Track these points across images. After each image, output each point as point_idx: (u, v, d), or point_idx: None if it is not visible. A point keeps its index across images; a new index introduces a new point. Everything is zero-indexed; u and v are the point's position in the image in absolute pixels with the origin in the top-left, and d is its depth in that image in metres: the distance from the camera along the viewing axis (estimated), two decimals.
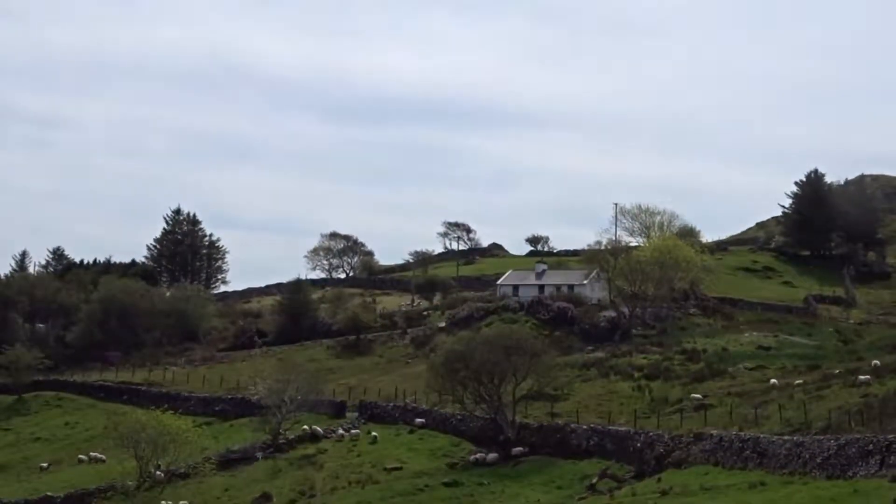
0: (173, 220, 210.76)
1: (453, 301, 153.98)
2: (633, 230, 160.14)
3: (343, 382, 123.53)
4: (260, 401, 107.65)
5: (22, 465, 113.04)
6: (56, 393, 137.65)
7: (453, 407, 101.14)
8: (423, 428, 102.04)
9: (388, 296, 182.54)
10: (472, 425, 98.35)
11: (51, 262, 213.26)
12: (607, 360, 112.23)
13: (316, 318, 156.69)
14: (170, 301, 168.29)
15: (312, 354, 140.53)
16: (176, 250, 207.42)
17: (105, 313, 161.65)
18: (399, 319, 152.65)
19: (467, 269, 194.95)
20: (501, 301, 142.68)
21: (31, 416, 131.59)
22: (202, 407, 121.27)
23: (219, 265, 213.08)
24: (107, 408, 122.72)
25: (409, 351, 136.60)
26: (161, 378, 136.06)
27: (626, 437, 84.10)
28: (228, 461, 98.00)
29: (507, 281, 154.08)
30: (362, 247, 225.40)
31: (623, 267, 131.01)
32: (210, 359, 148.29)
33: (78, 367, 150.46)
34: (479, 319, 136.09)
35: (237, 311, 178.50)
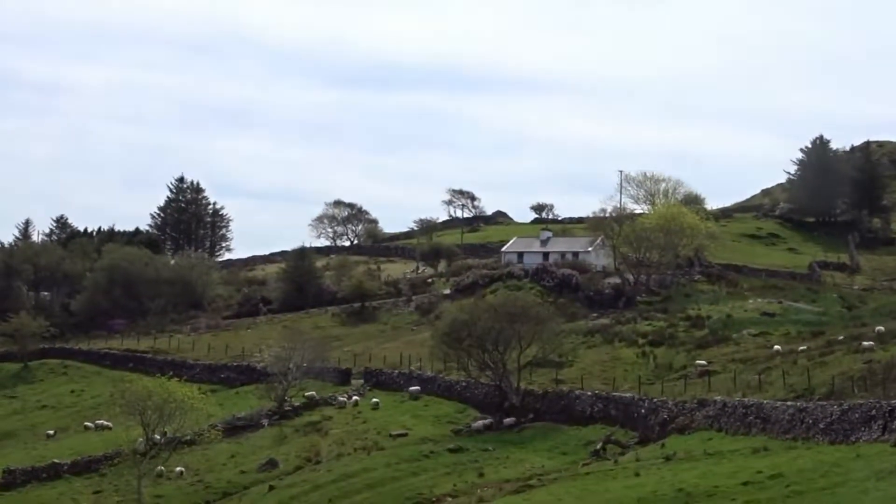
0: (177, 189, 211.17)
1: (458, 268, 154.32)
2: (637, 197, 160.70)
3: (348, 350, 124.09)
4: (265, 368, 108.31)
5: (28, 433, 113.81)
6: (62, 361, 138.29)
7: (458, 374, 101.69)
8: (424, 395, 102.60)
9: (393, 263, 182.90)
10: (477, 392, 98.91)
11: (54, 230, 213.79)
12: (612, 326, 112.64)
13: (321, 286, 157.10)
14: (174, 269, 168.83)
15: (317, 322, 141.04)
16: (180, 218, 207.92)
17: (109, 281, 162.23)
18: (404, 287, 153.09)
19: (472, 237, 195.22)
20: (506, 268, 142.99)
21: (37, 383, 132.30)
22: (208, 374, 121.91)
23: (223, 233, 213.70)
24: (112, 375, 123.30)
25: (413, 318, 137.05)
26: (166, 346, 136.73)
27: (631, 404, 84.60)
28: (234, 428, 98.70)
29: (512, 248, 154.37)
30: (366, 214, 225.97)
31: (628, 234, 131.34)
32: (215, 326, 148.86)
33: (83, 334, 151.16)
34: (484, 286, 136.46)
35: (242, 279, 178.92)
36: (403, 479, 79.28)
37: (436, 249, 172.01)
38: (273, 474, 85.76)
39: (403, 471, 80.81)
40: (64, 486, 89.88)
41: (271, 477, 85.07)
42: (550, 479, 69.86)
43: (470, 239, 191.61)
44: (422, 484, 77.81)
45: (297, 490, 79.73)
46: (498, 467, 79.35)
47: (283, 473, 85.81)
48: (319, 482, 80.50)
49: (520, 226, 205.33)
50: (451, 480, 77.56)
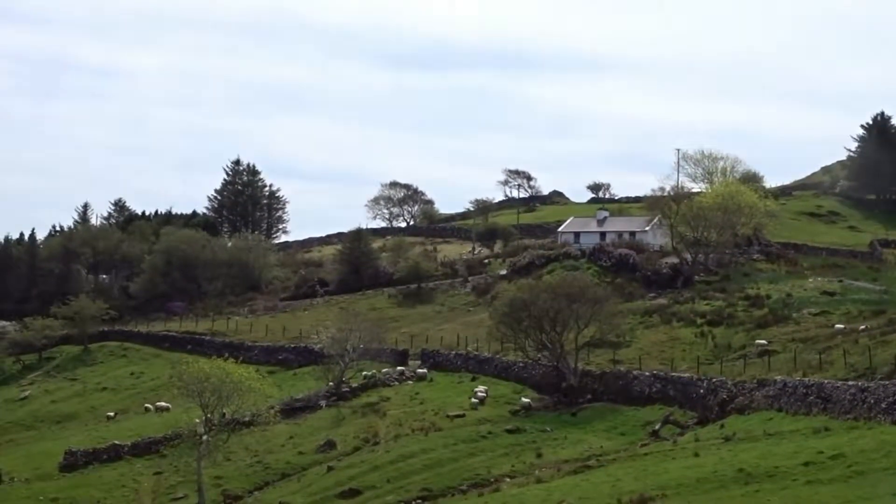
0: (233, 171, 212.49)
1: (514, 249, 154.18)
2: (695, 176, 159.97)
3: (405, 331, 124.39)
4: (323, 350, 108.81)
5: (89, 415, 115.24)
6: (121, 343, 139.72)
7: (515, 355, 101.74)
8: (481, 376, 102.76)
9: (449, 244, 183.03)
10: (534, 373, 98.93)
11: (113, 213, 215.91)
12: (669, 306, 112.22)
13: (377, 267, 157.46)
14: (231, 251, 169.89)
15: (374, 303, 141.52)
16: (237, 201, 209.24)
17: (167, 264, 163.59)
18: (460, 268, 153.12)
19: (528, 217, 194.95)
20: (563, 248, 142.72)
21: (98, 366, 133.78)
22: (265, 356, 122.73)
23: (279, 215, 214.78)
24: (171, 357, 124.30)
25: (470, 299, 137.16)
26: (224, 328, 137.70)
27: (689, 384, 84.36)
28: (292, 409, 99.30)
29: (569, 228, 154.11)
30: (422, 195, 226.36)
31: (685, 213, 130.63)
32: (272, 308, 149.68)
33: (142, 317, 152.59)
34: (541, 267, 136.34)
35: (298, 261, 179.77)
36: (461, 459, 79.61)
37: (492, 230, 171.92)
38: (331, 455, 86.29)
39: (462, 451, 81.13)
40: (125, 468, 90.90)
41: (329, 458, 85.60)
42: (609, 459, 69.90)
43: (526, 219, 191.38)
44: (480, 464, 78.09)
45: (356, 471, 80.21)
46: (556, 448, 79.44)
47: (341, 454, 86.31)
48: (377, 463, 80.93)
49: (576, 205, 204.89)
50: (510, 461, 77.79)
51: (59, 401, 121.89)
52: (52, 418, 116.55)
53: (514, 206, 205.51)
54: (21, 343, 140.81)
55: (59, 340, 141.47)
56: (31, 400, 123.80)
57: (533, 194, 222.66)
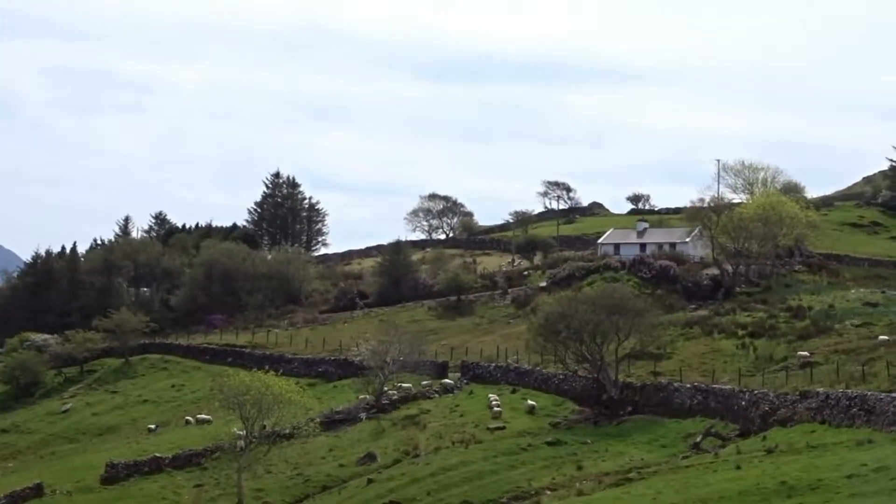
0: (273, 184, 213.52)
1: (554, 260, 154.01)
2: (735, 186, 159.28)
3: (444, 343, 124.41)
4: (362, 362, 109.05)
5: (130, 427, 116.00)
6: (162, 356, 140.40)
7: (555, 367, 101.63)
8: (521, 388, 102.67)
9: (489, 256, 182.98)
10: (574, 385, 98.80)
11: (153, 226, 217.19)
12: (710, 318, 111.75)
13: (416, 280, 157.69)
14: (271, 264, 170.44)
15: (413, 315, 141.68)
16: (276, 213, 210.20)
17: (208, 277, 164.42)
18: (500, 280, 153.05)
19: (568, 229, 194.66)
20: (603, 260, 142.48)
21: (138, 378, 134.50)
22: (305, 368, 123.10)
23: (319, 227, 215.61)
24: (212, 370, 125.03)
25: (510, 311, 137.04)
26: (264, 340, 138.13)
27: (731, 396, 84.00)
28: (332, 422, 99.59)
29: (609, 240, 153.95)
30: (461, 207, 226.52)
31: (726, 224, 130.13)
32: (312, 321, 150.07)
33: (182, 330, 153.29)
34: (581, 279, 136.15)
35: (338, 274, 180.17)
36: (501, 472, 79.59)
37: (531, 242, 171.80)
38: (371, 468, 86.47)
39: (501, 464, 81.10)
40: (165, 480, 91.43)
41: (370, 470, 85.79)
42: (650, 472, 69.71)
43: (566, 231, 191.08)
44: (520, 477, 78.04)
45: (396, 483, 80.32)
46: (597, 460, 79.30)
47: (381, 467, 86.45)
48: (418, 475, 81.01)
49: (616, 217, 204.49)
50: (550, 473, 77.69)
51: (101, 413, 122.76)
52: (94, 431, 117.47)
53: (554, 218, 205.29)
54: (63, 356, 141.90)
55: (100, 353, 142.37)
56: (73, 412, 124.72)
57: (572, 206, 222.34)
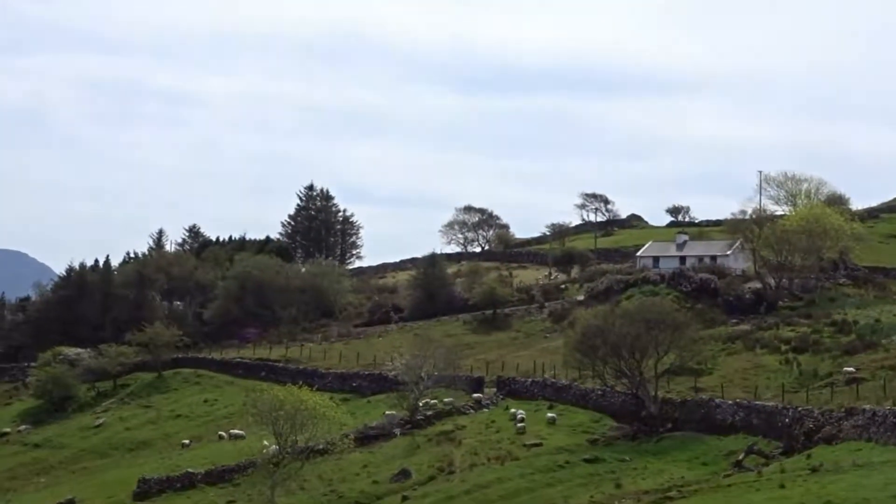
0: (306, 196, 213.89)
1: (592, 274, 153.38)
2: (778, 198, 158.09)
3: (480, 358, 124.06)
4: (397, 377, 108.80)
5: (163, 442, 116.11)
6: (195, 370, 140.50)
7: (593, 382, 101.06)
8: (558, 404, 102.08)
9: (525, 269, 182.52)
10: (613, 401, 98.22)
11: (187, 239, 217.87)
12: (753, 332, 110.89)
13: (452, 293, 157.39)
14: (305, 277, 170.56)
15: (449, 329, 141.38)
16: (310, 226, 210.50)
17: (241, 290, 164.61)
18: (536, 293, 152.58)
19: (605, 241, 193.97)
20: (641, 273, 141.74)
21: (171, 393, 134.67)
22: (339, 383, 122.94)
23: (353, 240, 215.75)
24: (245, 385, 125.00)
25: (547, 325, 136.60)
26: (298, 354, 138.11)
27: (774, 413, 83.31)
28: (366, 437, 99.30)
29: (647, 252, 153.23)
30: (497, 219, 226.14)
31: (768, 236, 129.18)
32: (346, 335, 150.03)
33: (216, 344, 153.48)
34: (619, 292, 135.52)
35: (372, 287, 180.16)
36: (538, 489, 79.07)
37: (569, 254, 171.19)
38: (406, 484, 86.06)
39: (538, 481, 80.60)
40: (198, 496, 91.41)
41: (404, 487, 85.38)
42: (691, 490, 69.05)
43: (604, 243, 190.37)
44: (557, 495, 77.50)
45: (431, 500, 79.95)
46: (636, 478, 78.65)
47: (416, 483, 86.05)
48: (453, 492, 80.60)
49: (655, 229, 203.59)
50: (588, 491, 77.10)
51: (133, 428, 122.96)
52: (126, 446, 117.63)
53: (591, 231, 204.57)
54: (96, 370, 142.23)
55: (133, 367, 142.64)
56: (106, 427, 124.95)
57: (610, 218, 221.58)
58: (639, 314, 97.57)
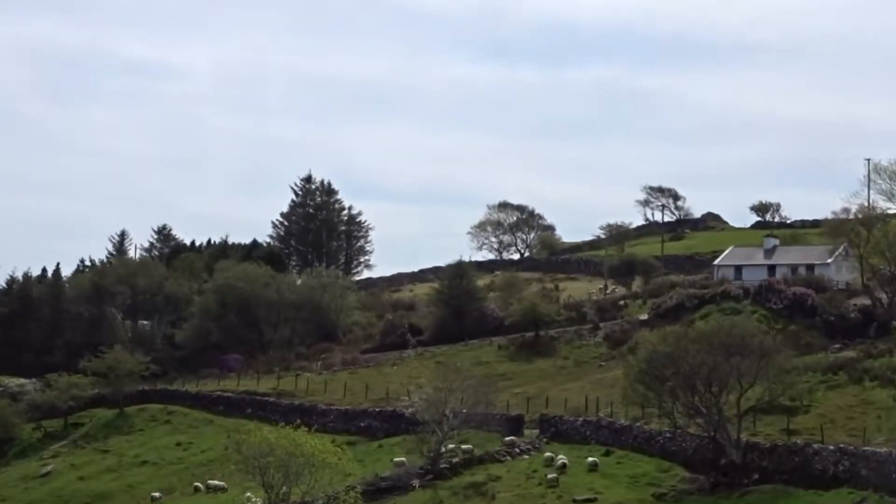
0: (303, 191, 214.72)
1: (658, 287, 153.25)
2: (891, 193, 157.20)
3: (519, 391, 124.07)
4: (415, 415, 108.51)
5: (126, 495, 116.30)
6: (164, 406, 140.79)
7: (660, 422, 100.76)
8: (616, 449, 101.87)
9: (575, 281, 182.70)
10: (684, 445, 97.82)
11: (155, 243, 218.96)
12: (860, 360, 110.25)
13: (483, 311, 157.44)
14: (302, 290, 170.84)
15: (480, 356, 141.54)
16: (307, 227, 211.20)
17: (222, 307, 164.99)
18: (589, 311, 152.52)
19: (675, 246, 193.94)
20: (720, 286, 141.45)
21: (135, 434, 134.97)
22: (344, 422, 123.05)
23: (361, 245, 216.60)
24: (226, 424, 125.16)
25: (602, 351, 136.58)
26: (293, 387, 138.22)
27: (887, 461, 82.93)
28: (378, 490, 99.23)
29: (728, 260, 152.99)
30: (540, 219, 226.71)
31: (879, 241, 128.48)
32: (352, 362, 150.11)
33: (191, 373, 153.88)
34: (692, 310, 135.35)
35: (385, 303, 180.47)
36: None
37: (629, 263, 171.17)
38: None
39: None
40: None
41: None
42: None
43: (673, 249, 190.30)
44: None
45: None
46: None
47: None
48: None
49: (737, 231, 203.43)
50: None
51: (89, 477, 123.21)
52: (81, 499, 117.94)
53: (658, 233, 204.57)
54: (42, 406, 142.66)
55: (88, 402, 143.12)
56: (55, 476, 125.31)
57: (681, 217, 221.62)
58: (717, 338, 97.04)
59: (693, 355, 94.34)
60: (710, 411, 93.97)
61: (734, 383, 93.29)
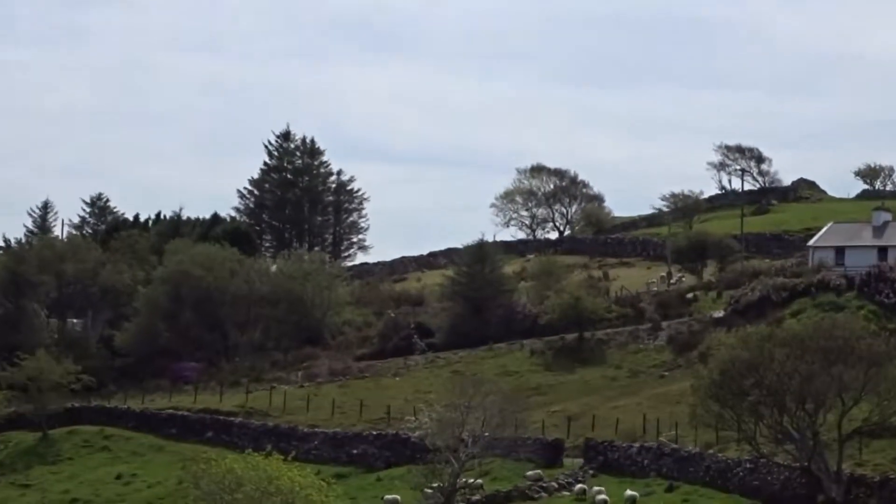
0: (279, 151, 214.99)
1: (737, 275, 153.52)
2: None
3: (557, 410, 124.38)
4: (424, 439, 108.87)
5: None
6: (101, 428, 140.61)
7: (739, 449, 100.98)
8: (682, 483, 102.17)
9: (629, 267, 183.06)
10: (770, 479, 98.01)
11: (87, 219, 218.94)
12: None
13: (511, 306, 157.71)
14: (277, 280, 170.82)
15: (507, 364, 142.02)
16: (284, 198, 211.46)
17: (175, 301, 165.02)
18: (648, 306, 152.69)
19: (759, 222, 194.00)
20: (817, 274, 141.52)
21: (64, 463, 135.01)
22: (332, 449, 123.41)
23: (353, 221, 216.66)
24: (181, 451, 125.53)
25: (664, 358, 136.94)
26: (266, 404, 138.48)
27: None
28: None
29: (826, 241, 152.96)
30: (584, 188, 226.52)
31: None
32: (343, 372, 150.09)
33: (135, 386, 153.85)
34: (781, 305, 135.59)
35: (385, 296, 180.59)
36: None
37: (700, 244, 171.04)
38: None
39: None
40: None
41: None
42: None
43: (755, 226, 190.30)
44: None
45: None
46: None
47: None
48: None
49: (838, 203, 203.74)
50: None
51: None
52: None
53: (736, 206, 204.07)
54: None
55: (3, 423, 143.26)
56: None
57: (766, 185, 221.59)
58: (813, 341, 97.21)
59: (782, 363, 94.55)
60: (803, 435, 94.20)
61: (834, 399, 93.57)
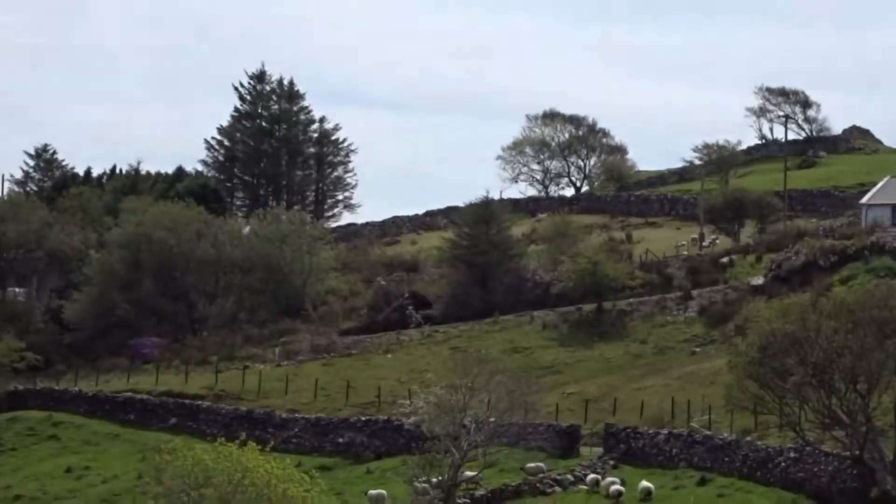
0: (253, 94, 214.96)
1: (779, 237, 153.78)
2: None
3: (573, 392, 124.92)
4: (421, 426, 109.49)
5: None
6: (48, 413, 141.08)
7: (781, 436, 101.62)
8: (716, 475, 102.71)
9: (655, 228, 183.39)
10: (816, 470, 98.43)
11: (31, 174, 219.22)
12: None
13: (521, 273, 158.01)
14: (251, 243, 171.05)
15: (515, 339, 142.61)
16: (259, 149, 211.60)
17: (133, 267, 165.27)
18: (677, 273, 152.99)
19: (804, 177, 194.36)
20: (870, 236, 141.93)
21: (5, 455, 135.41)
22: (315, 437, 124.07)
23: (338, 175, 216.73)
24: (140, 440, 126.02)
25: (696, 332, 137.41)
26: (238, 386, 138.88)
27: None
28: None
29: (881, 198, 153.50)
30: (604, 137, 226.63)
31: None
32: (327, 349, 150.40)
33: (87, 366, 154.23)
34: (828, 270, 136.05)
35: (374, 261, 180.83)
36: None
37: (737, 202, 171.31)
38: None
39: None
40: None
41: None
42: None
43: (799, 181, 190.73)
44: None
45: None
46: None
47: None
48: None
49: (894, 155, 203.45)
50: None
51: None
52: None
53: (779, 158, 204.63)
54: None
55: None
56: None
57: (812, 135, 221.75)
58: (865, 311, 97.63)
59: (829, 338, 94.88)
60: (854, 420, 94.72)
61: (890, 378, 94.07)
